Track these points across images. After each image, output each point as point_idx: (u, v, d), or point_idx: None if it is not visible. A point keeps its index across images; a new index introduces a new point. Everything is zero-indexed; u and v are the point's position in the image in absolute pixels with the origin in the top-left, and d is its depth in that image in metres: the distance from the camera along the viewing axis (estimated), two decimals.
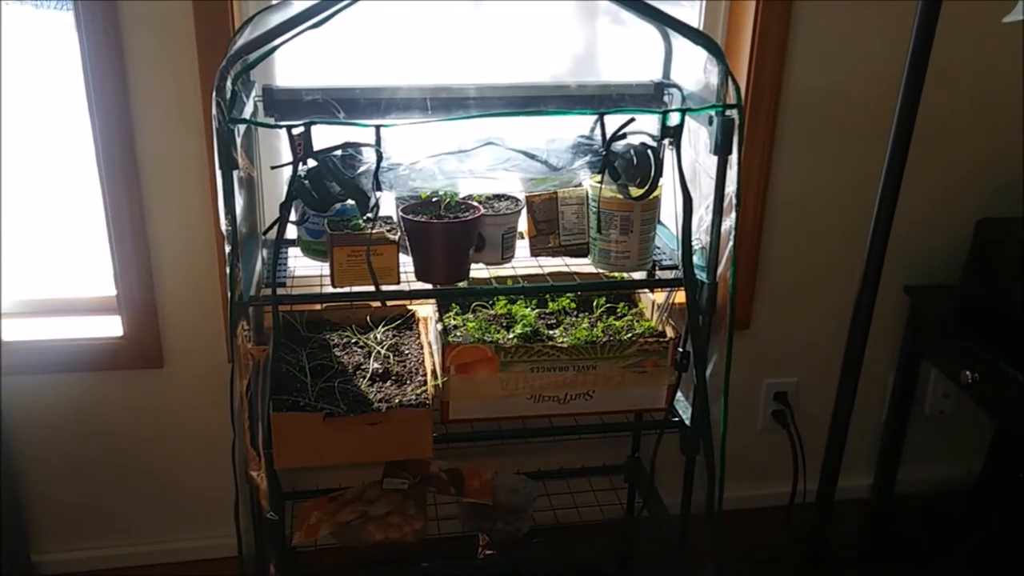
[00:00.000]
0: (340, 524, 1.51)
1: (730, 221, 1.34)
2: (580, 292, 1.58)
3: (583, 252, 1.48)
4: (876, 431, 2.04)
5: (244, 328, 1.20)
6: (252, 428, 1.25)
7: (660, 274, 1.51)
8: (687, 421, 1.49)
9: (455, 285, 1.38)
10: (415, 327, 1.58)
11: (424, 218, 1.32)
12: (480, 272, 1.43)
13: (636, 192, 1.34)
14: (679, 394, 1.52)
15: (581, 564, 1.91)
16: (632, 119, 1.27)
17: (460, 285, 1.38)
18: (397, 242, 1.33)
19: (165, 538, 1.82)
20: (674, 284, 1.44)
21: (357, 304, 1.58)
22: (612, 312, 1.55)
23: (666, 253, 1.50)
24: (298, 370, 1.41)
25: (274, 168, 1.27)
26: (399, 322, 1.59)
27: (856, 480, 2.07)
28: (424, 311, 1.61)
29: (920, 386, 1.98)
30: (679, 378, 1.48)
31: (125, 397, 1.69)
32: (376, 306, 1.60)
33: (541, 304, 1.56)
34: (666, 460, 1.57)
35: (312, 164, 1.19)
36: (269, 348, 1.36)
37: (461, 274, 1.37)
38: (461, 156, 1.24)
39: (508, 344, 1.40)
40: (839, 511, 1.50)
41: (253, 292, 1.28)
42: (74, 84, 1.48)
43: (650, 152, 1.29)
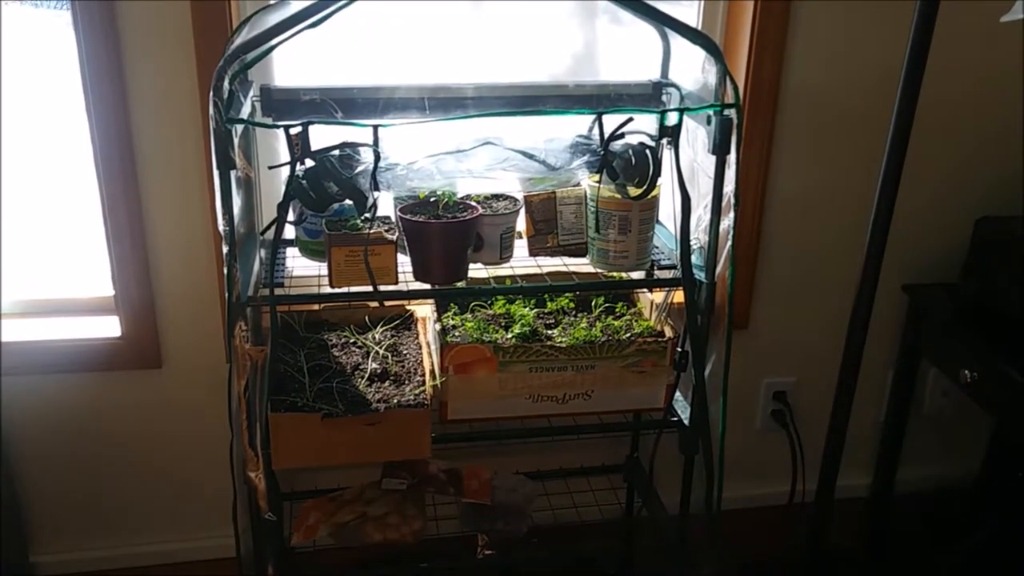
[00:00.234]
0: (339, 525, 1.51)
1: (728, 220, 1.34)
2: (578, 292, 1.58)
3: (581, 252, 1.48)
4: (875, 430, 2.03)
5: (242, 328, 1.20)
6: (250, 428, 1.24)
7: (658, 274, 1.51)
8: (686, 421, 1.49)
9: (453, 285, 1.37)
10: (413, 327, 1.58)
11: (422, 218, 1.32)
12: (478, 272, 1.43)
13: (634, 192, 1.34)
14: (678, 394, 1.52)
15: (580, 564, 1.90)
16: (630, 119, 1.27)
17: (458, 285, 1.38)
18: (395, 242, 1.33)
19: (163, 539, 1.82)
20: (672, 284, 1.44)
21: (355, 304, 1.58)
22: (611, 312, 1.55)
23: (664, 253, 1.50)
24: (296, 370, 1.40)
25: (272, 168, 1.26)
26: (397, 322, 1.59)
27: (855, 479, 2.07)
28: (422, 311, 1.61)
29: (919, 385, 1.98)
30: (678, 378, 1.47)
31: (123, 397, 1.69)
32: (374, 306, 1.60)
33: (540, 304, 1.56)
34: (665, 460, 1.56)
35: (310, 164, 1.19)
36: (267, 348, 1.35)
37: (459, 274, 1.37)
38: (459, 156, 1.24)
39: (507, 344, 1.40)
40: (838, 510, 1.50)
41: (251, 292, 1.28)
42: (72, 84, 1.47)
43: (648, 152, 1.29)
